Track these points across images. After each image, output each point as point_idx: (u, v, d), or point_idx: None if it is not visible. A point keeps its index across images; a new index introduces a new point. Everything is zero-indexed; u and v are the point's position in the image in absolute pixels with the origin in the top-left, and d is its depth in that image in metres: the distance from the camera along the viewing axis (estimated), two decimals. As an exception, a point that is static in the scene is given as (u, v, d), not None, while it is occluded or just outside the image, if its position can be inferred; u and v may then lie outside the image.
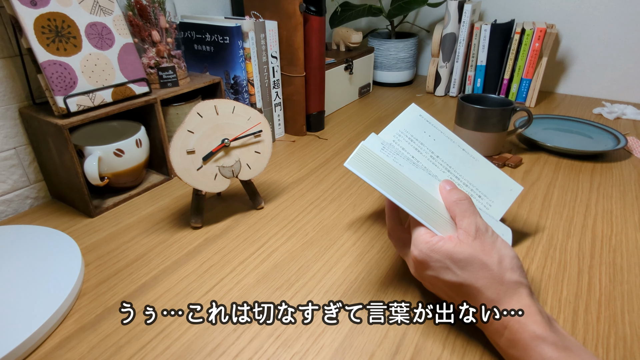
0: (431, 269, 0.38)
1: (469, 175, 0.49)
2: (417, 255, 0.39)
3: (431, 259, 0.38)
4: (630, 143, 0.80)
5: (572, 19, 1.06)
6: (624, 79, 1.05)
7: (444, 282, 0.38)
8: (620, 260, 0.50)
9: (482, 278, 0.36)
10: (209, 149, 0.54)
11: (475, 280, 0.36)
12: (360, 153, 0.42)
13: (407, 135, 0.48)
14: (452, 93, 1.13)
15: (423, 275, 0.40)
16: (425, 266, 0.39)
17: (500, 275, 0.35)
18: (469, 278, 0.36)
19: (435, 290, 0.41)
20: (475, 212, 0.39)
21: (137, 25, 0.66)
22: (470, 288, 0.36)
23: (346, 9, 1.13)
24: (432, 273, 0.38)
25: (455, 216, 0.39)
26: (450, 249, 0.37)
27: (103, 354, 0.39)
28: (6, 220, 0.62)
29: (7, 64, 0.59)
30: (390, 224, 0.45)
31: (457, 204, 0.39)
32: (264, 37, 0.77)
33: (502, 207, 0.49)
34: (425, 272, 0.39)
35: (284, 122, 0.89)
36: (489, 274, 0.36)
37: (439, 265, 0.37)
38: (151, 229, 0.58)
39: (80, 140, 0.62)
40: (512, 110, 0.72)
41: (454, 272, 0.37)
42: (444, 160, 0.48)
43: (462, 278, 0.36)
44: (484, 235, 0.37)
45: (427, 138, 0.49)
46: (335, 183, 0.69)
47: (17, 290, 0.45)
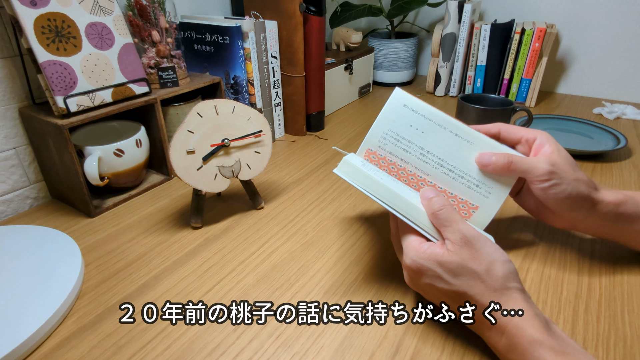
0: (424, 276, 0.38)
1: (464, 164, 0.45)
2: (409, 264, 0.39)
3: (423, 266, 0.38)
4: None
5: (572, 19, 1.06)
6: (624, 79, 1.05)
7: (439, 290, 0.38)
8: (620, 260, 0.50)
9: (475, 286, 0.36)
10: (209, 149, 0.54)
11: (469, 288, 0.36)
12: (343, 165, 0.43)
13: (392, 137, 0.47)
14: (452, 93, 1.13)
15: (418, 284, 0.40)
16: (418, 274, 0.39)
17: (492, 282, 0.35)
18: (462, 286, 0.36)
19: (431, 298, 0.41)
20: (457, 219, 0.38)
21: (137, 25, 0.66)
22: (464, 295, 0.36)
23: (346, 9, 1.13)
24: (426, 281, 0.38)
25: (439, 227, 0.39)
26: (439, 257, 0.37)
27: (103, 354, 0.39)
28: (6, 220, 0.62)
29: (7, 64, 0.59)
30: (392, 227, 0.45)
31: (437, 215, 0.39)
32: (264, 37, 0.77)
33: (504, 190, 0.45)
34: (420, 280, 0.39)
35: (284, 122, 0.89)
36: (480, 282, 0.36)
37: (432, 273, 0.37)
38: (151, 229, 0.58)
39: (80, 140, 0.62)
40: (512, 110, 0.72)
41: (446, 281, 0.37)
42: (435, 154, 0.46)
43: (455, 286, 0.36)
44: (471, 241, 0.37)
45: (415, 132, 0.46)
46: (335, 183, 0.69)
47: (17, 290, 0.45)
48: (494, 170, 0.43)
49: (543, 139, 0.45)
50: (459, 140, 0.46)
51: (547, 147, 0.44)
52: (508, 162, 0.43)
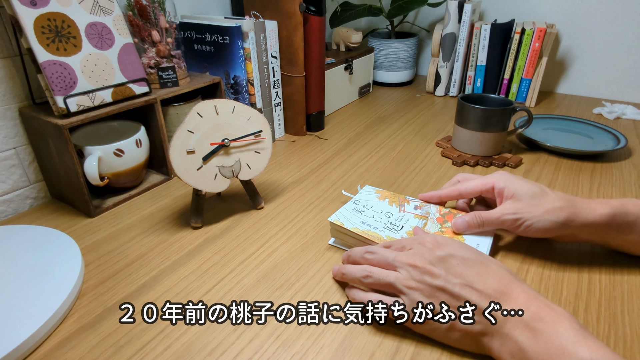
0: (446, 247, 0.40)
1: None
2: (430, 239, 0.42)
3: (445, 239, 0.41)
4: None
5: (572, 19, 1.06)
6: (624, 79, 1.05)
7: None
8: (620, 260, 0.50)
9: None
10: (209, 149, 0.54)
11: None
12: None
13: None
14: (452, 93, 1.13)
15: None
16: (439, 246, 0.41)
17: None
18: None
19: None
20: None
21: (137, 25, 0.66)
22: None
23: (346, 9, 1.13)
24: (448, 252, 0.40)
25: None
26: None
27: (103, 354, 0.39)
28: (6, 220, 0.62)
29: (7, 64, 0.59)
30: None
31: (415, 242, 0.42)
32: (264, 37, 0.77)
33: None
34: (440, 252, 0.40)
35: (284, 122, 0.89)
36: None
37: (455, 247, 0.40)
38: (151, 229, 0.58)
39: (80, 140, 0.62)
40: (512, 110, 0.72)
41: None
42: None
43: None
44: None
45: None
46: (335, 183, 0.69)
47: (17, 290, 0.45)
48: (470, 231, 0.50)
49: (500, 183, 0.49)
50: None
51: (506, 191, 0.48)
52: (480, 223, 0.49)
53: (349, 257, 0.45)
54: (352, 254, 0.45)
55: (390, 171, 0.73)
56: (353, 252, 0.45)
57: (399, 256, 0.40)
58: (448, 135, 0.86)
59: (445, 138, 0.84)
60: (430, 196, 0.55)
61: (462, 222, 0.50)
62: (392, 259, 0.40)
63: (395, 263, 0.40)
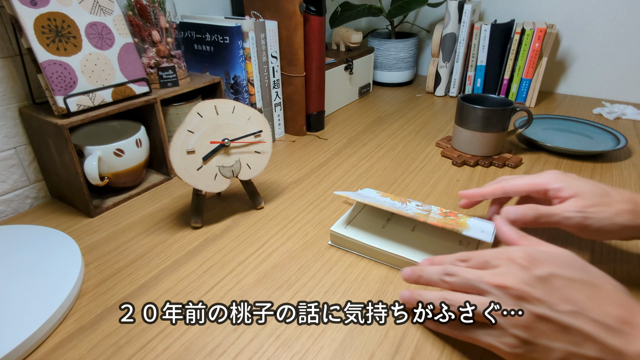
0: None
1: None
2: (522, 254, 0.34)
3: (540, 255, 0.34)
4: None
5: (572, 19, 1.06)
6: (624, 79, 1.05)
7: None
8: (620, 260, 0.50)
9: None
10: (209, 148, 0.54)
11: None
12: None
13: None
14: (452, 93, 1.13)
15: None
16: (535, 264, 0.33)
17: None
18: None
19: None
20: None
21: (137, 25, 0.66)
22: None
23: (346, 9, 1.13)
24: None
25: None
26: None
27: (103, 354, 0.39)
28: (6, 220, 0.62)
29: (7, 63, 0.59)
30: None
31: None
32: (264, 37, 0.77)
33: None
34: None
35: (284, 122, 0.89)
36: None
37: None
38: (151, 229, 0.58)
39: (80, 140, 0.62)
40: (512, 110, 0.72)
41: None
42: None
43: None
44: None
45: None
46: (335, 183, 0.69)
47: (17, 290, 0.45)
48: (523, 224, 0.43)
49: (555, 183, 0.44)
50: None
51: (565, 191, 0.43)
52: (537, 215, 0.43)
53: (420, 277, 0.39)
54: (425, 275, 0.39)
55: (390, 171, 0.73)
56: (427, 272, 0.39)
57: (485, 276, 0.34)
58: (448, 135, 0.86)
59: (445, 138, 0.84)
60: (473, 193, 0.50)
61: (515, 210, 0.44)
62: (476, 279, 0.34)
63: (481, 285, 0.34)
